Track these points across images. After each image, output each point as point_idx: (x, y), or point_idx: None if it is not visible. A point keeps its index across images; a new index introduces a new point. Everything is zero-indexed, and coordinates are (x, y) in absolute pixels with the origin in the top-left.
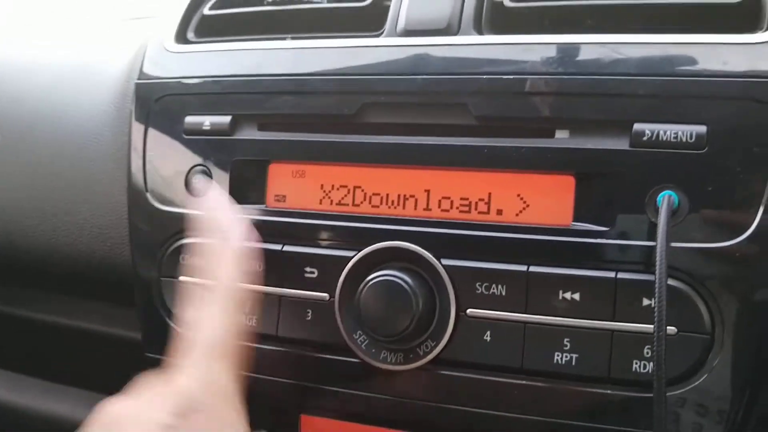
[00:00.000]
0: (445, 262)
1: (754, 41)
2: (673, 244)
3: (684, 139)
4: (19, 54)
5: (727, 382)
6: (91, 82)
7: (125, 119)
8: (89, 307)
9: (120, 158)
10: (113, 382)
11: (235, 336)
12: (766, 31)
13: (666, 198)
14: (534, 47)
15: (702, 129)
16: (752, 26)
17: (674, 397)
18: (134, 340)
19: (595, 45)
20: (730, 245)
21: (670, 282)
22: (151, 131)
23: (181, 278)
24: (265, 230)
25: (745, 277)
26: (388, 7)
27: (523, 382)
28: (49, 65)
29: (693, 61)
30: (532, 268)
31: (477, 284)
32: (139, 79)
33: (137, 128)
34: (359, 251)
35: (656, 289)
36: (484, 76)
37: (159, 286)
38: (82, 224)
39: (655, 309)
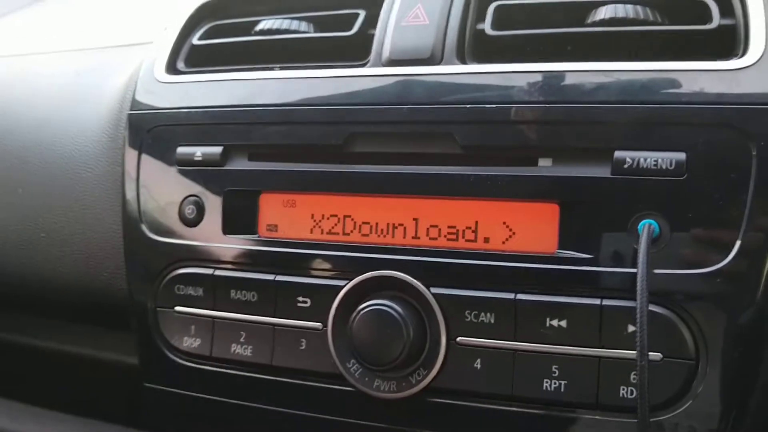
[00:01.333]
0: (434, 290)
1: (729, 68)
2: (656, 271)
3: (664, 166)
4: (12, 83)
5: (713, 407)
6: (85, 112)
7: (118, 149)
8: (82, 331)
9: (113, 188)
10: (107, 408)
11: None
12: (741, 57)
13: (646, 227)
14: (516, 76)
15: (681, 156)
16: (728, 52)
17: (659, 423)
18: (127, 364)
19: (576, 73)
20: (712, 270)
21: (654, 308)
22: (144, 162)
23: (177, 308)
24: (257, 260)
25: (728, 302)
26: (373, 36)
27: (514, 409)
28: (44, 95)
29: (671, 88)
30: (520, 296)
31: (466, 312)
32: (131, 109)
33: (131, 159)
34: (350, 280)
35: (638, 318)
36: (468, 106)
37: (155, 317)
38: (76, 255)
39: (637, 336)
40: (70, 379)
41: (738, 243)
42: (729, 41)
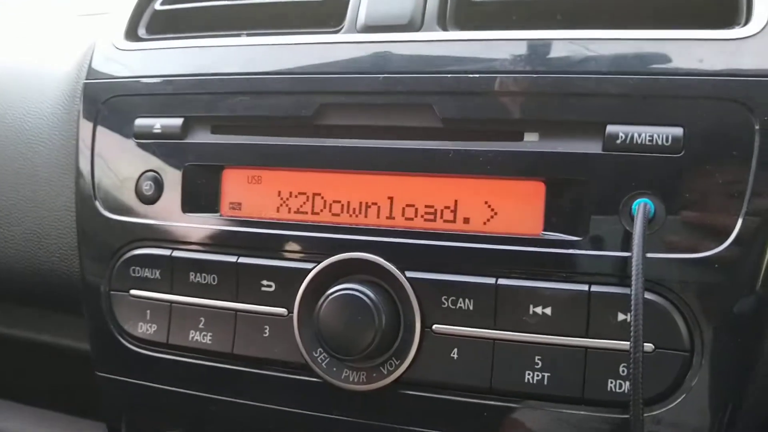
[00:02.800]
0: (409, 274)
1: (731, 37)
2: (649, 255)
3: (660, 142)
4: None
5: (707, 401)
6: (39, 84)
7: (74, 122)
8: (37, 316)
9: (68, 164)
10: (62, 398)
11: None
12: (743, 26)
13: (641, 206)
14: (501, 44)
15: (678, 131)
16: (729, 21)
17: (651, 419)
18: (85, 352)
19: (566, 41)
20: (710, 255)
21: (647, 295)
22: (100, 134)
23: (132, 292)
24: (219, 240)
25: (726, 289)
26: (348, 1)
27: (493, 402)
28: None
29: (668, 59)
30: (501, 281)
31: (443, 298)
32: (87, 78)
33: (85, 131)
34: (319, 263)
35: (632, 305)
36: (449, 75)
37: (109, 301)
38: (27, 234)
39: (632, 325)
40: (26, 366)
41: (738, 226)
42: (730, 10)
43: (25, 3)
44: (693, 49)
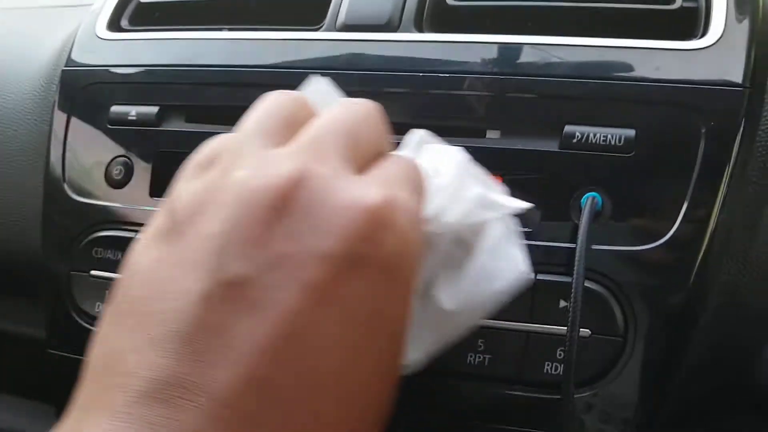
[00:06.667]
0: None
1: (688, 48)
2: (594, 247)
3: (612, 143)
4: None
5: (634, 385)
6: (16, 71)
7: (48, 107)
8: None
9: (41, 149)
10: (17, 384)
11: None
12: (700, 38)
13: (590, 199)
14: (471, 46)
15: (631, 133)
16: (689, 33)
17: (581, 400)
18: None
19: (533, 46)
20: (647, 249)
21: (588, 284)
22: (75, 121)
23: (93, 272)
24: None
25: (660, 282)
26: (330, 1)
27: (436, 383)
28: None
29: (627, 66)
30: None
31: None
32: (66, 66)
33: (60, 117)
34: None
35: (573, 290)
36: (420, 74)
37: (69, 281)
38: None
39: (570, 309)
40: None
41: (677, 223)
42: (691, 23)
43: None
44: (651, 58)
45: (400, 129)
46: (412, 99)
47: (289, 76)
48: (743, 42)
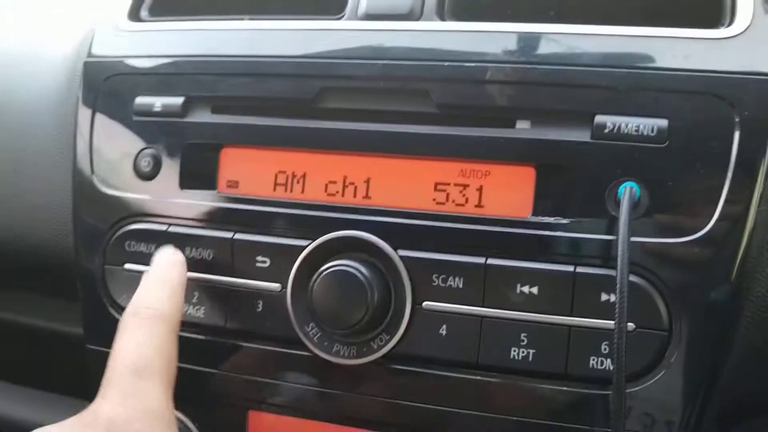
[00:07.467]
0: (401, 253)
1: (716, 36)
2: (633, 239)
3: (645, 133)
4: None
5: (684, 379)
6: (39, 64)
7: (73, 100)
8: (30, 300)
9: (66, 142)
10: (56, 379)
11: (164, 356)
12: (728, 26)
13: (627, 189)
14: (496, 36)
15: (663, 123)
16: (714, 21)
17: (631, 394)
18: (77, 335)
19: (558, 35)
20: (689, 241)
21: (629, 277)
22: (99, 113)
23: (127, 266)
24: (215, 217)
25: (704, 273)
26: None
27: (479, 377)
28: None
29: (656, 54)
30: (490, 261)
31: (434, 276)
32: (88, 57)
33: (84, 109)
34: (313, 241)
35: (618, 284)
36: (446, 63)
37: (103, 275)
38: (24, 211)
39: (617, 304)
40: (19, 349)
41: (717, 214)
42: (716, 11)
43: None
44: (679, 47)
45: (426, 119)
46: (437, 89)
47: (313, 66)
48: None
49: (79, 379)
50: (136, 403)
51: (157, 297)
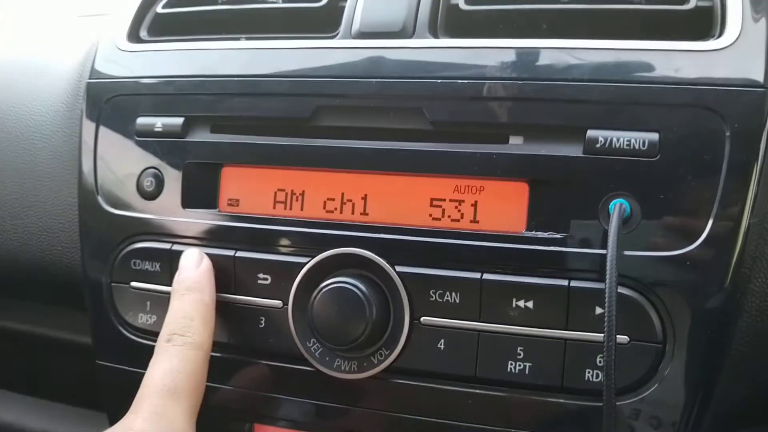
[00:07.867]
0: (399, 269)
1: (705, 48)
2: (626, 252)
3: (637, 147)
4: None
5: (679, 390)
6: (42, 83)
7: (76, 119)
8: (38, 310)
9: (69, 160)
10: (63, 389)
11: (195, 380)
12: (717, 38)
13: (617, 206)
14: (489, 51)
15: (654, 136)
16: (704, 33)
17: (625, 407)
18: (83, 344)
19: (550, 50)
20: (681, 253)
21: (622, 290)
22: (102, 132)
23: (133, 284)
24: (217, 235)
25: (696, 285)
26: (344, 8)
27: (477, 390)
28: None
29: (646, 68)
30: (486, 276)
31: (431, 291)
32: (90, 78)
33: (88, 129)
34: (313, 258)
35: (606, 298)
36: (439, 81)
37: (110, 292)
38: (29, 228)
39: (605, 318)
40: (26, 359)
41: (708, 227)
42: (706, 23)
43: (24, 3)
44: (669, 59)
45: (421, 136)
46: (431, 106)
47: (309, 85)
48: (762, 41)
49: (86, 388)
50: (163, 422)
51: (189, 322)
